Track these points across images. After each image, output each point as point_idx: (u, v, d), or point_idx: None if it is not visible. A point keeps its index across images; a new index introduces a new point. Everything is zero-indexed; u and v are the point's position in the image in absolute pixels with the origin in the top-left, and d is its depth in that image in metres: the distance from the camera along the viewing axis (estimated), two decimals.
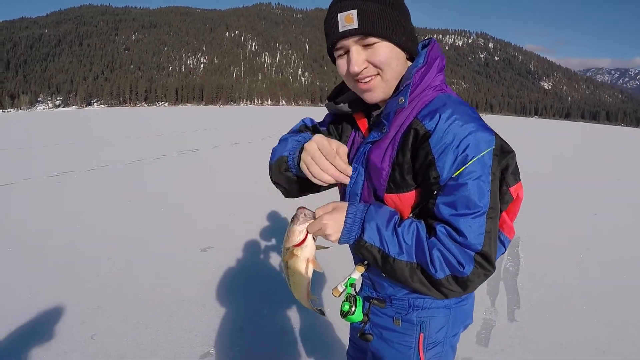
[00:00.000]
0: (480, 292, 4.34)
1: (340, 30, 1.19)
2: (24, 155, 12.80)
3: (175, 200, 7.92)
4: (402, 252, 1.17)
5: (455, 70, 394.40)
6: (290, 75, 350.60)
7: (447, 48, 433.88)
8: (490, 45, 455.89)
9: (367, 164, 1.33)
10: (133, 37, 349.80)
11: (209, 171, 11.20)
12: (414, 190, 1.25)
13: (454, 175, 1.14)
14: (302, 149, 1.26)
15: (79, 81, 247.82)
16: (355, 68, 1.20)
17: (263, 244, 5.59)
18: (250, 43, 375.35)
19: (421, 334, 1.46)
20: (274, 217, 6.60)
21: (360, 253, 1.23)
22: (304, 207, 1.25)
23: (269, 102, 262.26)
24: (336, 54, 1.28)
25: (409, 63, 1.32)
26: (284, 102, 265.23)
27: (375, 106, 1.39)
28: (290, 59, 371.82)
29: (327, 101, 1.48)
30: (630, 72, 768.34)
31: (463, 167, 1.13)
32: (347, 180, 1.22)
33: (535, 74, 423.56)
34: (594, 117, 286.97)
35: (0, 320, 3.62)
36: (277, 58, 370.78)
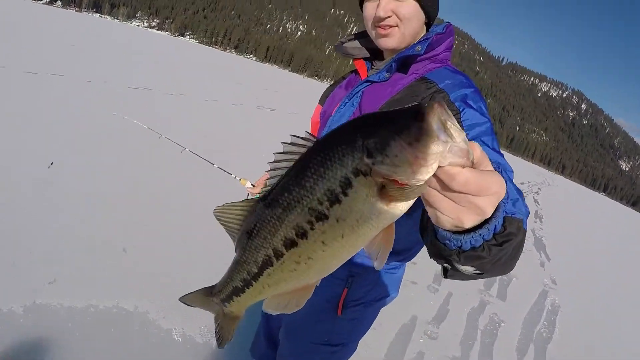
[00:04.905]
0: (509, 349, 4.31)
1: None
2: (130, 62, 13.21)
3: (245, 144, 8.12)
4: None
5: (541, 119, 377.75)
6: None
7: (539, 95, 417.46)
8: (583, 106, 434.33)
9: (361, 100, 1.43)
10: None
11: (284, 132, 11.36)
12: None
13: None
14: None
15: (178, 11, 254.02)
16: (382, 13, 1.33)
17: None
18: (351, 26, 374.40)
19: (345, 289, 1.49)
20: None
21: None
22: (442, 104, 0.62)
23: None
24: None
25: (424, 29, 1.46)
26: None
27: (377, 57, 1.55)
28: None
29: (338, 43, 1.65)
30: None
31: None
32: None
33: (617, 150, 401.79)
34: None
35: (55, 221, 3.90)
36: None
